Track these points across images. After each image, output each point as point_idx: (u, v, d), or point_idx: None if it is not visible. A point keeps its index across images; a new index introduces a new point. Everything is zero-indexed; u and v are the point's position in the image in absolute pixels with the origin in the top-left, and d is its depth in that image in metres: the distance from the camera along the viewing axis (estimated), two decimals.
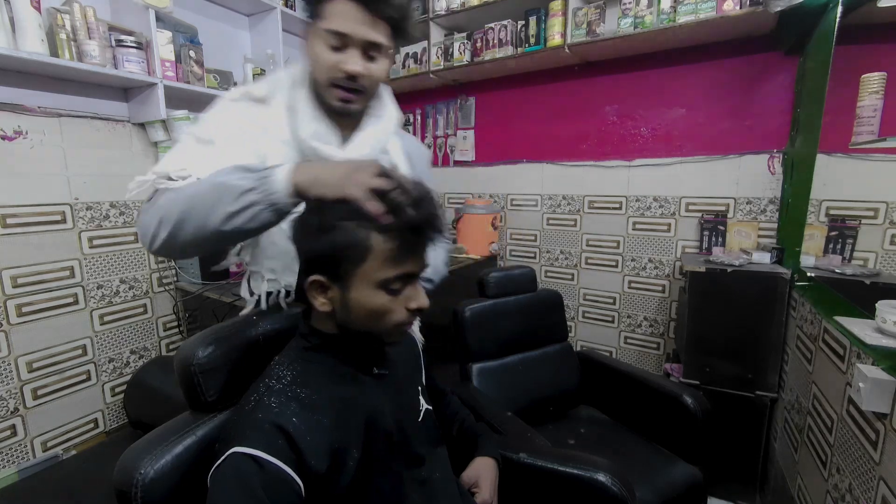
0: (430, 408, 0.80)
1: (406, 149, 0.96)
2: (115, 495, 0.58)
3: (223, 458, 0.54)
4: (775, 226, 1.81)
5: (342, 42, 0.74)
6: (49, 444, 1.64)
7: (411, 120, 2.82)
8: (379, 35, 0.75)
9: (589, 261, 2.28)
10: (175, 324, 1.99)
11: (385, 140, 0.89)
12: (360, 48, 0.75)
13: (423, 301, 0.65)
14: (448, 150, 2.69)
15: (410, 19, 0.80)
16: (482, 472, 0.85)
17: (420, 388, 0.81)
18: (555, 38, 1.94)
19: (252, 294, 0.86)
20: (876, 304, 0.98)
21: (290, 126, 0.80)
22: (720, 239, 1.88)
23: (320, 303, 0.64)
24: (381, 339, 0.68)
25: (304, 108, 0.80)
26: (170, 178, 0.71)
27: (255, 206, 0.62)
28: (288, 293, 0.85)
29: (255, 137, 0.79)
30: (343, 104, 0.78)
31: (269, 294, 0.85)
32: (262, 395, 0.60)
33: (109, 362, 1.80)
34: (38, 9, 1.37)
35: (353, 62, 0.75)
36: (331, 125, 0.82)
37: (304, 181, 0.62)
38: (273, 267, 0.82)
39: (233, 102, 0.82)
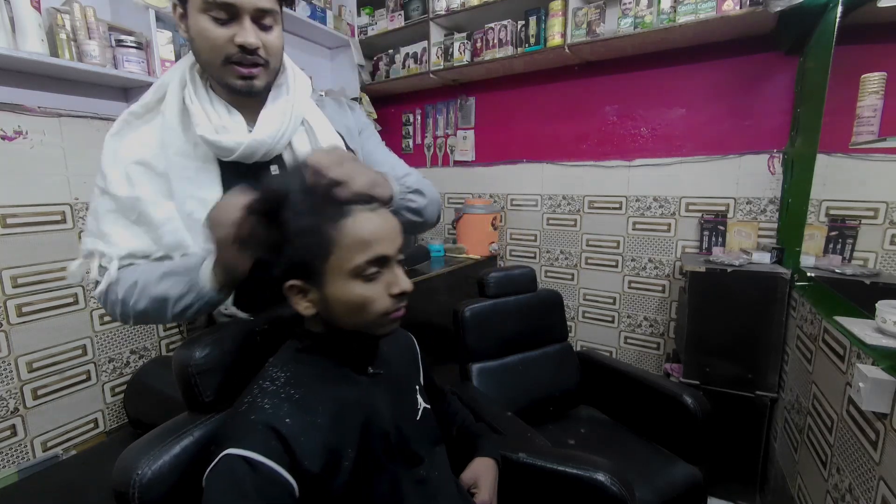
0: (429, 407, 0.80)
1: (332, 115, 0.88)
2: (114, 496, 0.58)
3: (217, 459, 0.55)
4: (775, 226, 1.81)
5: (229, 13, 0.67)
6: (49, 444, 1.64)
7: (411, 120, 2.82)
8: (267, 0, 0.69)
9: (589, 261, 2.28)
10: (175, 324, 1.99)
11: (298, 111, 0.81)
12: (251, 17, 0.69)
13: (404, 284, 0.64)
14: (448, 150, 2.69)
15: None
16: (481, 472, 0.85)
17: (418, 387, 0.81)
18: (555, 38, 1.95)
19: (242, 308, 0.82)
20: (876, 304, 0.98)
21: (184, 129, 0.75)
22: (720, 239, 1.88)
23: (303, 307, 0.64)
24: (372, 335, 0.66)
25: (196, 104, 0.74)
26: (102, 255, 0.73)
27: (196, 304, 0.69)
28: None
29: (152, 159, 0.75)
30: (245, 81, 0.72)
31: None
32: (255, 396, 0.60)
33: (109, 362, 1.80)
34: (38, 9, 1.37)
35: (246, 33, 0.68)
36: (233, 112, 0.77)
37: (218, 273, 0.66)
38: (228, 305, 0.81)
39: (114, 138, 0.76)
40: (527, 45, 2.07)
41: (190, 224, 0.75)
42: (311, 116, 0.84)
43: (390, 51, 2.62)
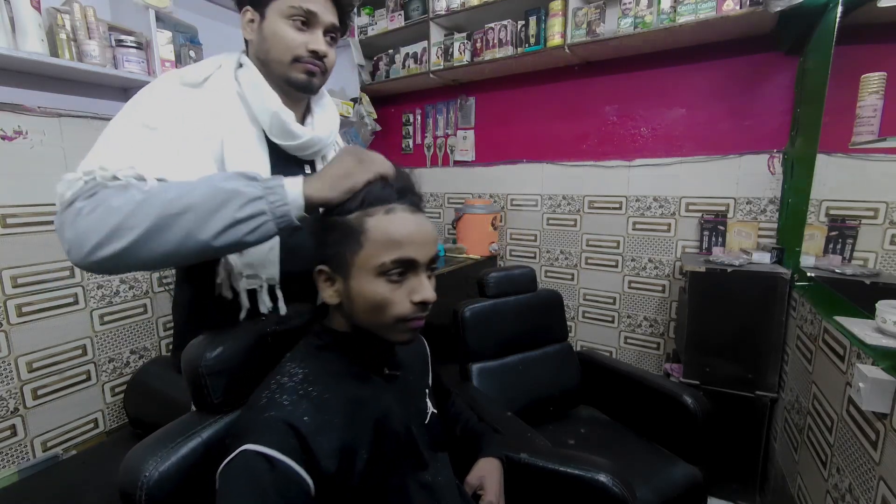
0: (436, 412, 0.79)
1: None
2: (120, 496, 0.58)
3: (234, 454, 0.54)
4: (775, 226, 1.81)
5: (309, 21, 0.77)
6: (49, 444, 1.64)
7: (411, 120, 2.82)
8: (337, 20, 0.80)
9: (589, 261, 2.28)
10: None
11: (337, 127, 0.92)
12: (324, 29, 0.79)
13: (427, 294, 0.62)
14: (448, 150, 2.69)
15: (353, 9, 0.86)
16: (487, 473, 0.85)
17: (427, 390, 0.81)
18: (555, 38, 1.95)
19: (235, 293, 0.79)
20: (876, 304, 0.98)
21: (245, 107, 0.79)
22: (720, 239, 1.88)
23: (328, 295, 0.65)
24: (386, 340, 0.65)
25: (265, 85, 0.79)
26: (115, 178, 0.60)
27: (261, 216, 0.59)
28: (271, 287, 0.80)
29: (206, 122, 0.74)
30: (308, 77, 0.80)
31: (252, 291, 0.79)
32: (274, 392, 0.60)
33: (109, 362, 1.80)
34: (38, 9, 1.37)
35: (319, 41, 0.78)
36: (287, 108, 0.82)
37: (317, 190, 0.62)
38: (250, 262, 0.77)
39: (171, 85, 0.76)
40: (527, 45, 2.07)
41: None
42: (338, 138, 0.95)
43: (390, 51, 2.62)
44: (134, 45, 1.59)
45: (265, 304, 0.80)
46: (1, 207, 1.47)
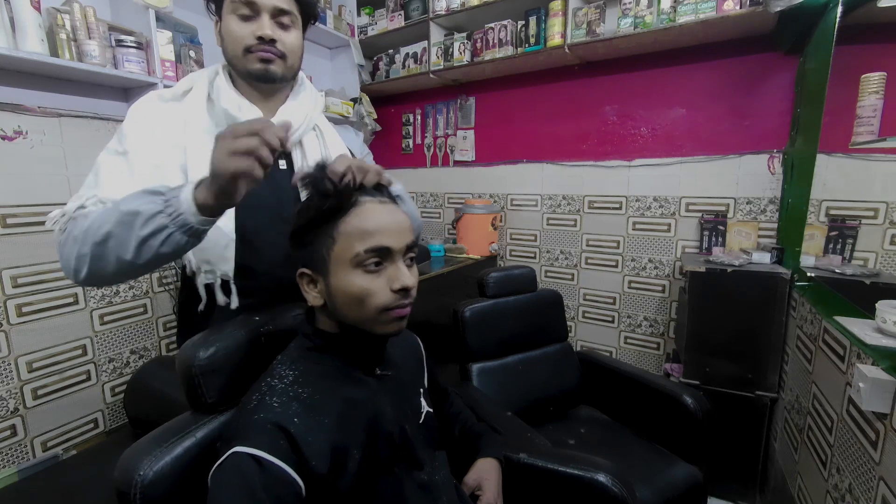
0: (431, 411, 0.79)
1: (340, 132, 0.99)
2: (116, 495, 0.58)
3: (224, 457, 0.54)
4: (775, 226, 1.81)
5: (251, 10, 0.78)
6: (49, 444, 1.64)
7: (411, 120, 2.82)
8: (287, 2, 0.80)
9: (589, 261, 2.28)
10: (175, 324, 1.99)
11: (314, 116, 0.90)
12: (270, 14, 0.79)
13: (406, 280, 0.62)
14: (448, 150, 2.69)
15: None
16: (485, 473, 0.85)
17: (422, 389, 0.81)
18: (555, 38, 1.95)
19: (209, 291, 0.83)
20: (876, 304, 0.98)
21: (210, 113, 0.82)
22: (720, 239, 1.88)
23: (312, 297, 0.65)
24: (374, 335, 0.65)
25: (225, 86, 0.82)
26: (82, 207, 0.71)
27: (166, 229, 0.61)
28: (224, 282, 0.82)
29: (173, 133, 0.79)
30: (263, 65, 0.80)
31: (209, 286, 0.82)
32: (263, 394, 0.60)
33: (109, 362, 1.80)
34: (38, 9, 1.37)
35: (263, 26, 0.78)
36: (253, 107, 0.84)
37: (203, 195, 0.60)
38: (207, 258, 0.80)
39: (148, 103, 0.82)
40: (527, 45, 2.07)
41: None
42: (322, 123, 0.95)
43: (390, 51, 2.62)
44: (134, 45, 1.59)
45: (220, 298, 0.82)
46: (1, 207, 1.47)
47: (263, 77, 0.82)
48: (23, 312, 1.54)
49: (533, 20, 2.03)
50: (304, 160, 0.89)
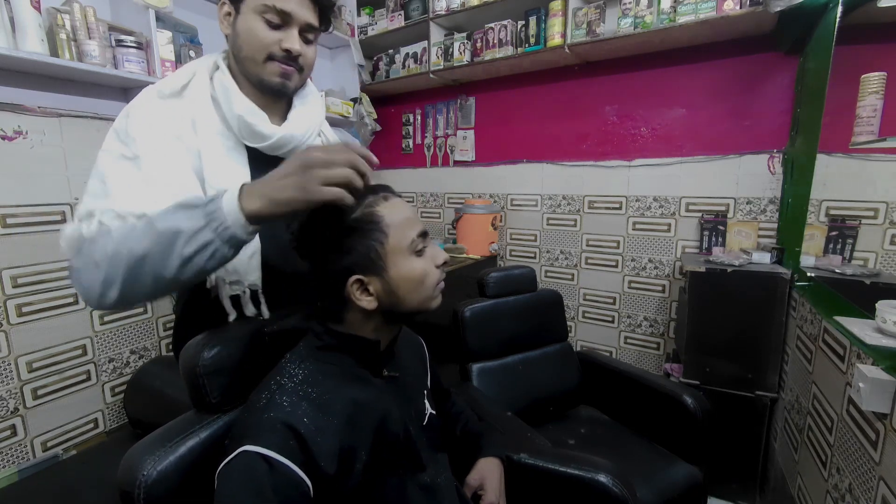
0: (434, 413, 0.79)
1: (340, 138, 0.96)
2: (119, 495, 0.58)
3: (233, 455, 0.54)
4: (775, 226, 1.81)
5: (283, 20, 0.74)
6: (49, 444, 1.64)
7: (411, 120, 2.82)
8: (315, 19, 0.78)
9: (589, 261, 2.28)
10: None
11: (318, 122, 0.89)
12: (299, 28, 0.76)
13: (443, 255, 0.70)
14: (448, 150, 2.69)
15: (335, 7, 0.83)
16: (487, 473, 0.85)
17: (426, 391, 0.81)
18: (555, 38, 1.95)
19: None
20: (876, 304, 0.98)
21: (218, 113, 0.78)
22: (720, 239, 1.88)
23: (367, 302, 0.65)
24: (421, 312, 0.69)
25: (234, 88, 0.77)
26: (100, 224, 0.65)
27: (211, 245, 0.58)
28: (254, 293, 0.80)
29: (183, 134, 0.74)
30: (282, 79, 0.77)
31: (235, 297, 0.79)
32: (273, 392, 0.60)
33: (109, 362, 1.80)
34: (38, 9, 1.37)
35: (293, 40, 0.75)
36: (260, 111, 0.80)
37: (256, 207, 0.58)
38: (233, 269, 0.76)
39: (149, 102, 0.76)
40: (527, 45, 2.07)
41: None
42: (326, 129, 0.94)
43: (390, 51, 2.62)
44: (134, 45, 1.59)
45: (249, 310, 0.80)
46: (1, 207, 1.47)
47: (279, 91, 0.79)
48: (23, 312, 1.54)
49: (533, 20, 2.03)
50: None
